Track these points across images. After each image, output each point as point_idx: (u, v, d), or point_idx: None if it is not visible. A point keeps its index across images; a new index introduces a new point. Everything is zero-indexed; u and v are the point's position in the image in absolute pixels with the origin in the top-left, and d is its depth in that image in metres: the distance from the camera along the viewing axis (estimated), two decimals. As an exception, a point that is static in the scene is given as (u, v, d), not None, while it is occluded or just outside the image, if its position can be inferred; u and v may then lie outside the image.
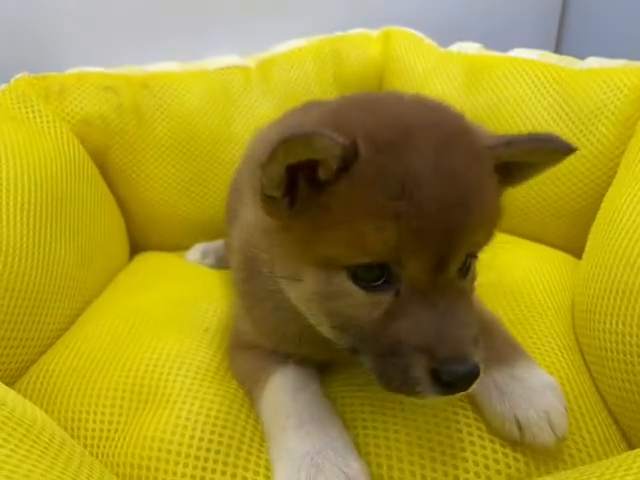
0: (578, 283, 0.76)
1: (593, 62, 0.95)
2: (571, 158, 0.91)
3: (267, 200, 0.47)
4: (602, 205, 0.80)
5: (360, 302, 0.47)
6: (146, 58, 1.08)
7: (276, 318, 0.59)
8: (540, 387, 0.55)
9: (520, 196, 0.95)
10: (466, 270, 0.50)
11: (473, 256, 0.51)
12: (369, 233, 0.43)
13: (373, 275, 0.46)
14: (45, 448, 0.48)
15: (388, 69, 1.13)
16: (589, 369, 0.67)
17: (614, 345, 0.62)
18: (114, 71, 1.01)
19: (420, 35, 1.14)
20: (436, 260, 0.45)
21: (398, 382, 0.46)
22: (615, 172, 0.83)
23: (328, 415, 0.56)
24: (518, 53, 1.02)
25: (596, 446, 0.57)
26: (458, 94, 1.02)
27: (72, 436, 0.62)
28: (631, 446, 0.59)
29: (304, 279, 0.48)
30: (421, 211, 0.43)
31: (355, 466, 0.50)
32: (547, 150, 0.53)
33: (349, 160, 0.44)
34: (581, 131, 0.90)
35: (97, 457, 0.60)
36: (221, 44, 1.20)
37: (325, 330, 0.51)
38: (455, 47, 1.10)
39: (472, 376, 0.45)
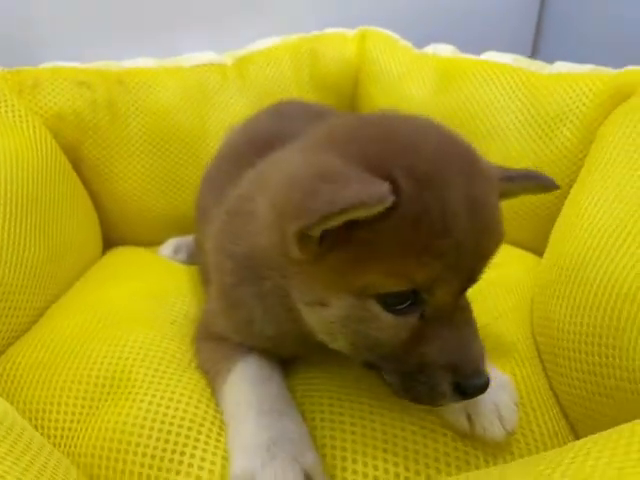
0: (537, 283, 0.78)
1: (561, 67, 0.97)
2: (536, 161, 0.95)
3: (302, 238, 0.46)
4: (563, 207, 0.82)
5: (388, 325, 0.49)
6: (122, 54, 1.08)
7: (264, 322, 0.59)
8: (492, 384, 0.57)
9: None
10: None
11: None
12: (413, 269, 0.46)
13: (402, 300, 0.48)
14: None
15: (363, 69, 1.15)
16: (544, 367, 0.69)
17: (566, 344, 0.64)
18: (89, 66, 1.02)
19: (395, 36, 1.16)
20: (463, 285, 0.50)
21: (423, 396, 0.51)
22: (577, 175, 0.85)
23: (288, 407, 0.57)
24: (491, 56, 1.04)
25: (545, 440, 0.59)
26: (430, 96, 1.04)
27: (35, 427, 0.62)
28: (578, 439, 0.61)
29: (331, 305, 0.49)
30: (460, 246, 0.46)
31: (310, 456, 0.51)
32: (538, 188, 0.60)
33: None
34: (547, 134, 0.92)
35: (59, 447, 0.60)
36: (199, 41, 1.21)
37: (339, 346, 0.53)
38: (430, 49, 1.12)
39: (486, 386, 0.51)
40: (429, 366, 0.50)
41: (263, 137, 0.75)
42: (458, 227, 0.46)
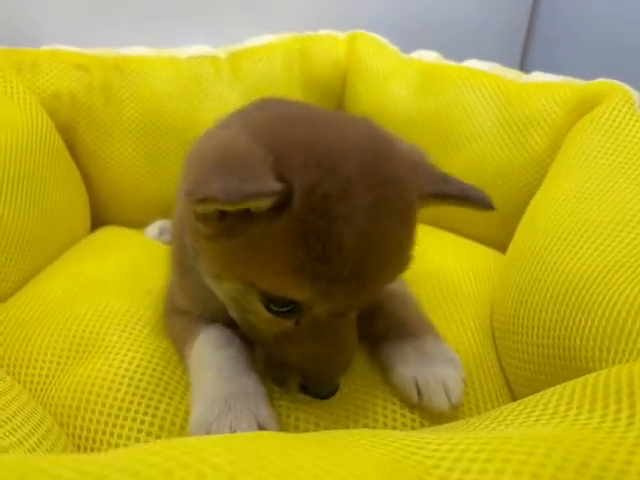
0: (498, 275, 0.83)
1: (537, 77, 1.02)
2: (508, 163, 1.00)
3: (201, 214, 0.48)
4: (528, 207, 0.87)
5: (265, 320, 0.54)
6: (121, 42, 1.12)
7: (200, 288, 0.61)
8: (442, 359, 0.61)
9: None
10: None
11: None
12: (287, 284, 0.48)
13: (282, 304, 0.51)
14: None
15: (351, 69, 1.20)
16: (497, 350, 0.74)
17: (515, 328, 0.69)
18: (88, 51, 1.06)
19: (384, 40, 1.21)
20: (341, 309, 0.52)
21: (276, 379, 0.60)
22: (543, 178, 0.90)
23: (246, 369, 0.61)
24: (470, 64, 1.09)
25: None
26: (412, 97, 1.09)
27: (16, 380, 0.66)
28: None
29: (223, 283, 0.53)
30: (338, 276, 0.47)
31: (265, 411, 0.55)
32: (473, 205, 0.56)
33: (282, 205, 0.45)
34: (518, 139, 0.97)
35: (37, 399, 0.64)
36: (196, 34, 1.25)
37: (228, 308, 0.58)
38: (416, 54, 1.17)
39: (331, 395, 0.57)
40: (287, 365, 0.56)
41: None
42: (339, 259, 0.46)
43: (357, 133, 0.52)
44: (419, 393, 0.59)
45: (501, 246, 0.98)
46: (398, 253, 0.52)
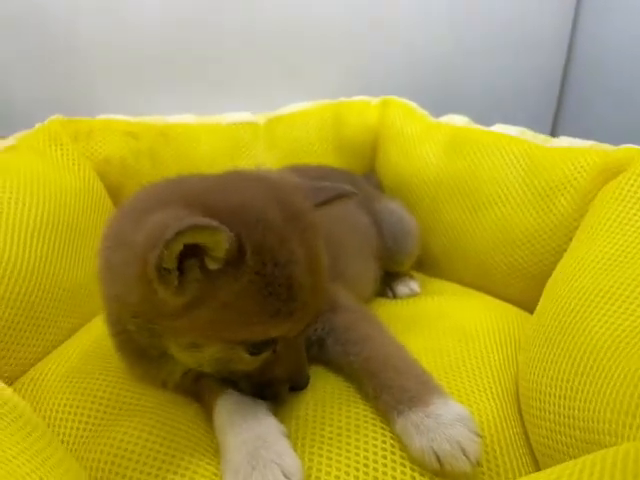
0: (524, 337, 0.83)
1: (564, 141, 1.04)
2: (535, 226, 1.01)
3: (162, 274, 0.51)
4: (555, 270, 0.87)
5: (249, 361, 0.62)
6: (169, 110, 1.21)
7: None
8: (451, 420, 0.60)
9: (489, 257, 1.04)
10: None
11: None
12: (270, 328, 0.58)
13: (263, 346, 0.61)
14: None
15: (382, 133, 1.25)
16: (522, 418, 0.73)
17: (540, 395, 0.68)
18: (138, 119, 1.15)
19: (414, 105, 1.26)
20: (306, 326, 0.64)
21: (268, 397, 0.66)
22: (571, 241, 0.90)
23: (263, 421, 0.62)
24: (499, 128, 1.12)
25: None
26: (440, 159, 1.13)
27: (55, 432, 0.70)
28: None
29: (203, 349, 0.60)
30: (304, 303, 0.59)
31: (289, 460, 0.57)
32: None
33: (235, 256, 0.53)
34: (545, 202, 0.98)
35: (72, 452, 0.67)
36: (239, 103, 1.33)
37: (203, 369, 0.65)
38: (445, 118, 1.22)
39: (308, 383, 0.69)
40: (275, 380, 0.65)
41: None
42: (303, 292, 0.58)
43: (259, 188, 0.62)
44: (439, 461, 0.59)
45: (529, 306, 0.98)
46: (324, 262, 0.63)
